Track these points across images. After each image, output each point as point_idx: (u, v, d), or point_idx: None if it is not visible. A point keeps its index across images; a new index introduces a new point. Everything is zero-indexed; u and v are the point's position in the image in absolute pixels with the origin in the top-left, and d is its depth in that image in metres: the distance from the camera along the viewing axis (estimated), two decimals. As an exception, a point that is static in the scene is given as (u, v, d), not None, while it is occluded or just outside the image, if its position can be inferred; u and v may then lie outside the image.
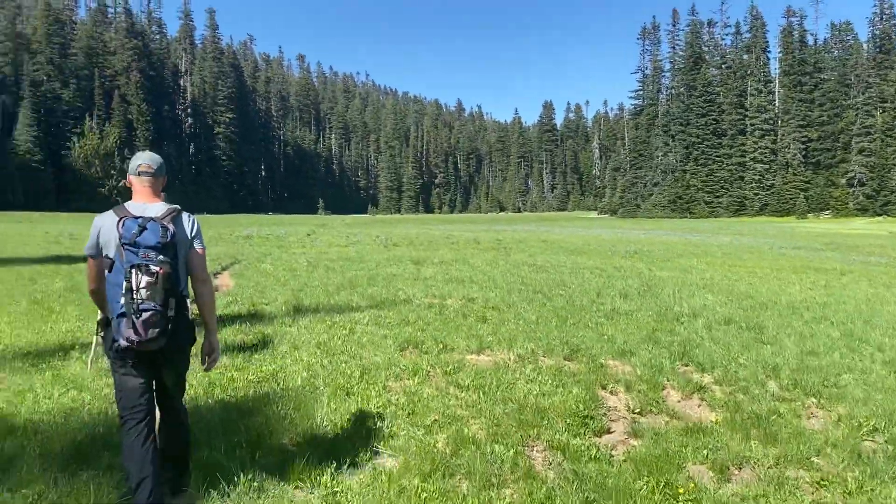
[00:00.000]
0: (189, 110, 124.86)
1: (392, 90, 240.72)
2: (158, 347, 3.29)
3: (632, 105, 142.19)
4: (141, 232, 3.25)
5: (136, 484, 3.34)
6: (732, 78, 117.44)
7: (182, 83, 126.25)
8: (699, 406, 5.92)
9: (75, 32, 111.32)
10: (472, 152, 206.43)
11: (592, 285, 13.59)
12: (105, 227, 3.38)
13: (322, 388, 5.72)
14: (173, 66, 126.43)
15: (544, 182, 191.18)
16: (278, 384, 5.84)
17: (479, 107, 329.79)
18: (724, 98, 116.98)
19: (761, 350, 7.92)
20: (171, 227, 3.36)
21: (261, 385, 5.81)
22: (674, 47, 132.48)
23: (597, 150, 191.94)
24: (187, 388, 4.10)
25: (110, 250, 3.34)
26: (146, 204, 3.48)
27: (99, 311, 3.62)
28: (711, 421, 5.47)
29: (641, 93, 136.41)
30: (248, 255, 19.26)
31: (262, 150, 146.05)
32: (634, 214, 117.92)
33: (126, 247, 3.23)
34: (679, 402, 5.99)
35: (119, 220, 3.30)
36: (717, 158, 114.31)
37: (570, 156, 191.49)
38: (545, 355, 7.11)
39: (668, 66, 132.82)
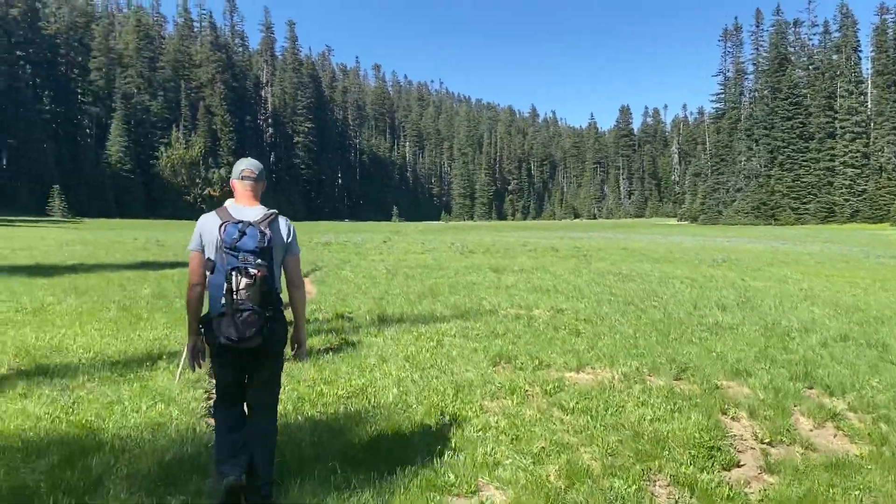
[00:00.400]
0: (270, 120, 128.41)
1: (465, 97, 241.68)
2: (255, 346, 3.41)
3: (713, 109, 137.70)
4: (241, 237, 3.39)
5: (220, 458, 3.58)
6: (820, 79, 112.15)
7: (263, 94, 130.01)
8: (835, 436, 5.25)
9: (163, 47, 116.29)
10: (546, 158, 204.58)
11: (686, 296, 12.82)
12: (207, 228, 3.56)
13: (415, 405, 5.36)
14: (255, 77, 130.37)
15: (621, 188, 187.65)
16: (368, 401, 5.50)
17: (554, 112, 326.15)
18: (811, 100, 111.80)
19: (893, 371, 7.10)
20: (267, 231, 3.48)
21: (350, 401, 5.49)
22: (757, 48, 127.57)
23: (676, 156, 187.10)
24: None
25: (211, 252, 3.53)
26: (246, 207, 3.63)
27: (190, 315, 3.68)
28: (855, 455, 4.80)
29: (723, 96, 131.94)
30: (327, 262, 19.26)
31: (339, 158, 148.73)
32: (716, 221, 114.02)
33: (227, 250, 3.39)
34: (812, 430, 5.34)
35: (221, 225, 3.45)
36: (804, 163, 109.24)
37: (648, 161, 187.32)
38: (651, 374, 6.54)
39: (751, 69, 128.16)
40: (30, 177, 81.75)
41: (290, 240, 3.71)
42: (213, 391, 3.90)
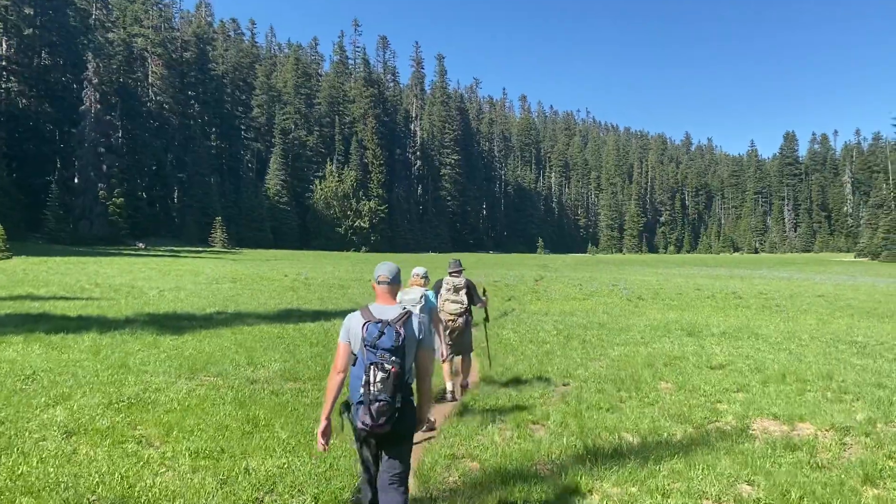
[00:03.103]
0: (418, 153, 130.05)
1: (613, 126, 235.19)
2: (387, 432, 3.74)
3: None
4: (380, 336, 3.71)
5: (363, 482, 4.10)
6: None
7: (412, 128, 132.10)
8: None
9: (320, 84, 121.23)
10: (702, 188, 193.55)
11: None
12: (353, 325, 3.91)
13: None
14: (405, 111, 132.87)
15: (785, 220, 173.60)
16: None
17: (710, 139, 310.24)
18: None
19: None
20: (402, 331, 3.77)
21: None
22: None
23: (848, 185, 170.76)
24: None
25: (355, 347, 3.87)
26: (386, 306, 3.97)
27: (328, 399, 3.95)
28: None
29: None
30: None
31: (485, 189, 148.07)
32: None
33: (367, 347, 3.72)
34: None
35: (364, 324, 3.79)
36: None
37: (817, 191, 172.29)
38: None
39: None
40: (196, 209, 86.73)
41: (421, 336, 3.96)
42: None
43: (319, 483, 5.01)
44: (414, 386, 4.04)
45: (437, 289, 8.34)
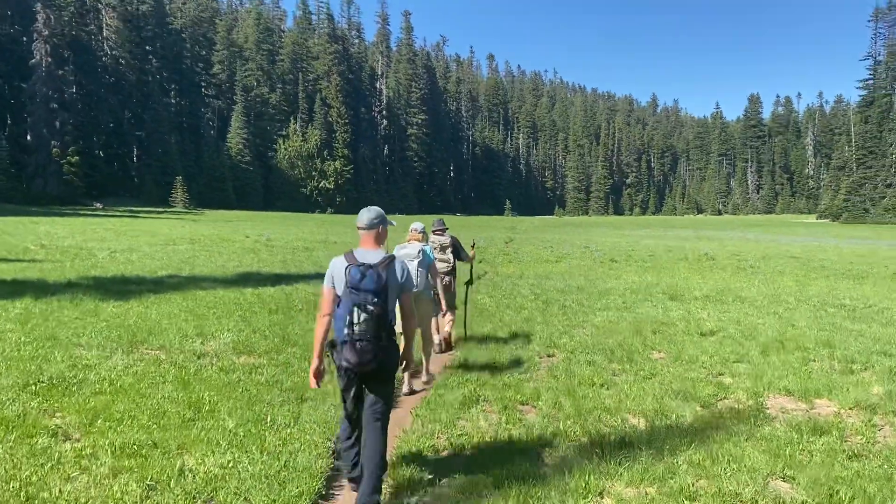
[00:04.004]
0: (384, 112, 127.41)
1: (580, 87, 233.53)
2: (371, 370, 3.91)
3: (859, 96, 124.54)
4: (362, 278, 3.86)
5: (343, 433, 4.25)
6: None
7: (378, 86, 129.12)
8: None
9: (283, 40, 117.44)
10: (667, 150, 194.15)
11: None
12: (336, 269, 4.06)
13: None
14: (370, 69, 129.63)
15: (749, 182, 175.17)
16: None
17: (676, 101, 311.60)
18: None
19: None
20: (384, 274, 3.92)
21: None
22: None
23: (810, 148, 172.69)
24: None
25: (339, 289, 4.00)
26: (368, 251, 4.13)
27: (316, 341, 4.13)
28: None
29: (872, 82, 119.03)
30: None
31: (452, 150, 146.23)
32: (862, 220, 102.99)
33: (350, 289, 3.88)
34: None
35: (347, 267, 3.95)
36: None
37: (779, 153, 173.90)
38: None
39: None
40: (156, 169, 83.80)
41: (403, 280, 4.12)
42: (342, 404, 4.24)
43: (271, 489, 4.08)
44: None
45: None
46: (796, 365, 7.73)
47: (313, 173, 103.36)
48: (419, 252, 6.86)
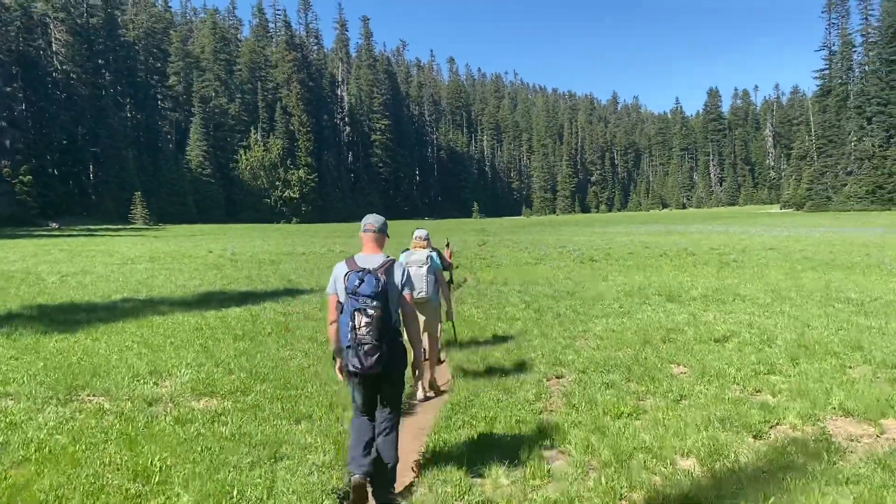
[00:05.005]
0: (346, 119, 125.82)
1: (541, 87, 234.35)
2: (377, 373, 3.96)
3: (817, 86, 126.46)
4: (360, 283, 3.90)
5: (354, 438, 4.17)
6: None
7: (339, 93, 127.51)
8: None
9: (239, 49, 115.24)
10: (630, 147, 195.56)
11: None
12: (338, 276, 4.14)
13: None
14: (331, 76, 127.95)
15: (711, 175, 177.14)
16: None
17: (636, 98, 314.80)
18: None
19: None
20: (383, 277, 3.97)
21: None
22: (866, 18, 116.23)
23: (770, 139, 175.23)
24: None
25: (341, 296, 4.07)
26: (369, 256, 4.23)
27: (331, 343, 4.28)
28: None
29: (828, 72, 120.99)
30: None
31: (417, 154, 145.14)
32: (825, 208, 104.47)
33: (350, 295, 3.93)
34: None
35: (346, 274, 4.02)
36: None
37: (740, 145, 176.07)
38: None
39: (859, 41, 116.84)
40: (114, 185, 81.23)
41: (403, 283, 4.18)
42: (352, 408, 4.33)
43: None
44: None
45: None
46: (835, 375, 6.86)
47: (277, 183, 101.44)
48: (427, 258, 6.92)
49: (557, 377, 7.18)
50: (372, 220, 4.30)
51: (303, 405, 5.93)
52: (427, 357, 6.90)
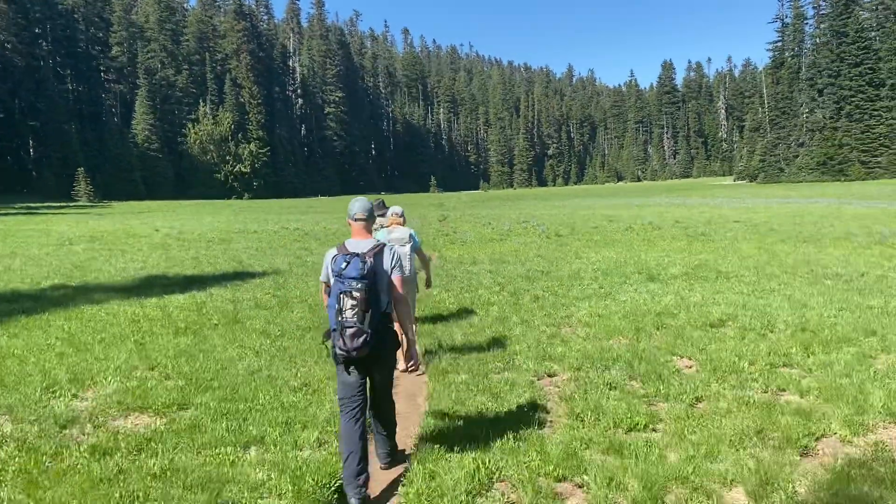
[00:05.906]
0: (299, 91, 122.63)
1: (497, 60, 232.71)
2: (365, 354, 3.87)
3: (770, 58, 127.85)
4: (346, 266, 3.85)
5: (346, 456, 3.94)
6: (892, 20, 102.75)
7: (291, 64, 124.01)
8: None
9: (186, 18, 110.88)
10: (586, 120, 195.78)
11: None
12: (328, 261, 4.12)
13: None
14: (282, 46, 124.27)
15: (665, 147, 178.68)
16: None
17: (591, 71, 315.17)
18: (881, 43, 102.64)
19: None
20: (370, 261, 3.91)
21: None
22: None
23: (722, 111, 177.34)
24: None
25: (330, 279, 4.03)
26: (359, 241, 4.17)
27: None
28: None
29: (780, 44, 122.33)
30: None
31: (372, 128, 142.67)
32: (777, 179, 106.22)
33: (336, 278, 3.90)
34: None
35: (334, 257, 4.01)
36: (875, 112, 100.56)
37: (693, 118, 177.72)
38: None
39: (811, 13, 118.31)
40: (56, 161, 77.45)
41: (393, 265, 4.14)
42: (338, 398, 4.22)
43: None
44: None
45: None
46: (859, 368, 6.10)
47: (227, 157, 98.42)
48: (409, 237, 6.86)
49: (549, 375, 6.28)
50: (359, 208, 4.23)
51: (253, 424, 4.89)
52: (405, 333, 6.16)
